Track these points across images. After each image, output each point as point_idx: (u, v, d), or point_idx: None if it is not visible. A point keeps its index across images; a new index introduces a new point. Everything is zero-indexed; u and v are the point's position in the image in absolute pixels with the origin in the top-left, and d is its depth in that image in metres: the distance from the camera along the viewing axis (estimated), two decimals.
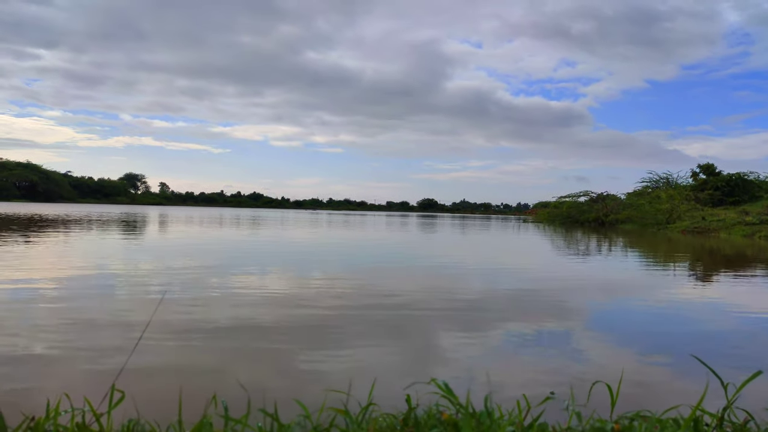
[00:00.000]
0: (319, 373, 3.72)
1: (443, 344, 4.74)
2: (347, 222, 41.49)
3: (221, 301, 6.40)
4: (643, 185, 60.43)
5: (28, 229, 19.57)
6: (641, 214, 45.09)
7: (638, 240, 25.77)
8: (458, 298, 7.28)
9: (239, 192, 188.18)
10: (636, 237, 28.65)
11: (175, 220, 33.58)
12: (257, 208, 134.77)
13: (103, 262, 10.18)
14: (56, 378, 3.43)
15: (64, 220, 27.66)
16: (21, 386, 3.21)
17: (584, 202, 53.35)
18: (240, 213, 67.21)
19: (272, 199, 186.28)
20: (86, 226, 22.50)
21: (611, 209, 48.80)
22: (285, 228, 27.98)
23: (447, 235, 26.51)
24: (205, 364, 3.87)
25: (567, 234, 30.92)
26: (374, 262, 12.41)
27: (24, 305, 5.77)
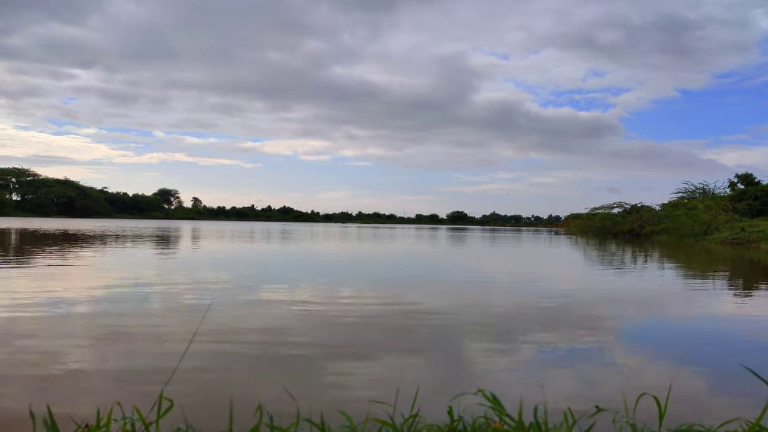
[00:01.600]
0: (357, 384, 3.71)
1: (477, 356, 4.68)
2: (377, 235, 41.53)
3: (263, 312, 6.46)
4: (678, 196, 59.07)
5: (71, 244, 20.11)
6: (678, 226, 44.03)
7: (675, 252, 25.16)
8: (491, 311, 7.20)
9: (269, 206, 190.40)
10: (673, 249, 27.96)
11: (208, 235, 34.11)
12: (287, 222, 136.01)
13: (145, 275, 10.38)
14: (106, 387, 3.49)
15: (103, 235, 28.36)
16: (71, 395, 3.28)
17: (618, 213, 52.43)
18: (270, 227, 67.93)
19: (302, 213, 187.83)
20: (126, 241, 23.01)
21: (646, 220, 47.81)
22: (316, 241, 28.15)
23: (477, 248, 26.31)
24: (249, 374, 3.91)
25: (601, 246, 30.37)
26: (406, 275, 12.37)
27: (73, 317, 5.91)
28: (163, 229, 42.47)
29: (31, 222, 60.27)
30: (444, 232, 56.90)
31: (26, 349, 4.40)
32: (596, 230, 51.02)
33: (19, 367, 3.87)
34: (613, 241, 38.82)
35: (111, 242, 21.77)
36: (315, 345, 4.88)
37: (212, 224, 79.18)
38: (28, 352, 4.30)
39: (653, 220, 47.68)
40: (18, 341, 4.69)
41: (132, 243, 21.67)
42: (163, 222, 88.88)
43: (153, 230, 39.51)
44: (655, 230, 45.77)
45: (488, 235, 48.72)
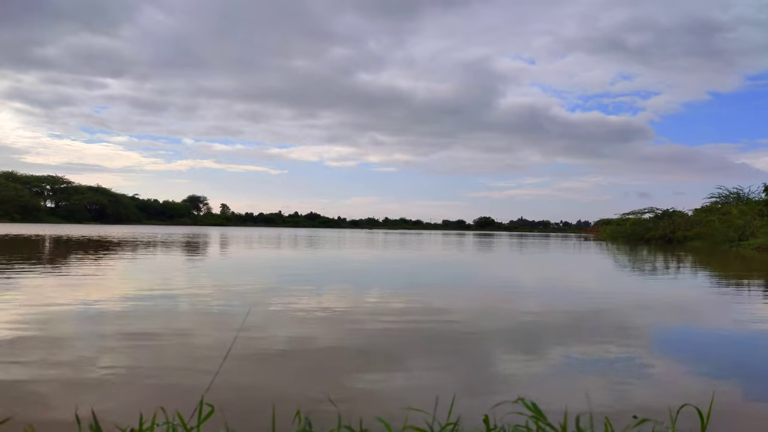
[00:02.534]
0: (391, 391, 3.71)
1: (509, 364, 4.64)
2: (404, 241, 41.50)
3: (298, 317, 6.52)
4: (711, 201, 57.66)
5: (105, 250, 20.57)
6: (711, 231, 42.97)
7: (709, 258, 24.58)
8: (521, 318, 7.13)
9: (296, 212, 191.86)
10: (706, 255, 27.32)
11: (238, 241, 34.51)
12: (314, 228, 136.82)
13: (180, 282, 10.56)
14: (148, 392, 3.56)
15: (136, 242, 28.92)
16: (114, 400, 3.35)
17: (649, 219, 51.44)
18: (298, 233, 68.47)
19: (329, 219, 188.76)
20: (158, 248, 23.43)
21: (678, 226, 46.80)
22: (345, 248, 28.26)
23: (505, 254, 26.09)
24: (287, 379, 3.94)
25: (632, 252, 29.83)
26: (435, 281, 12.34)
27: (111, 323, 6.03)
28: (193, 236, 43.13)
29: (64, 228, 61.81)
30: (471, 238, 56.57)
31: (68, 355, 4.51)
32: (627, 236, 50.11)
33: (61, 373, 3.97)
34: (645, 247, 38.10)
35: (144, 249, 22.19)
36: (349, 351, 4.89)
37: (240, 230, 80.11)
38: (70, 358, 4.40)
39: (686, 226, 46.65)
40: (59, 347, 4.81)
41: (165, 250, 22.05)
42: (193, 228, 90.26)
43: (184, 237, 40.15)
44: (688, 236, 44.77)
45: (516, 241, 48.27)
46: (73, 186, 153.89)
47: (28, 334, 5.23)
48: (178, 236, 40.22)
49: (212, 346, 4.94)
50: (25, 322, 5.88)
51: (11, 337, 5.09)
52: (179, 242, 28.98)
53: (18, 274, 11.07)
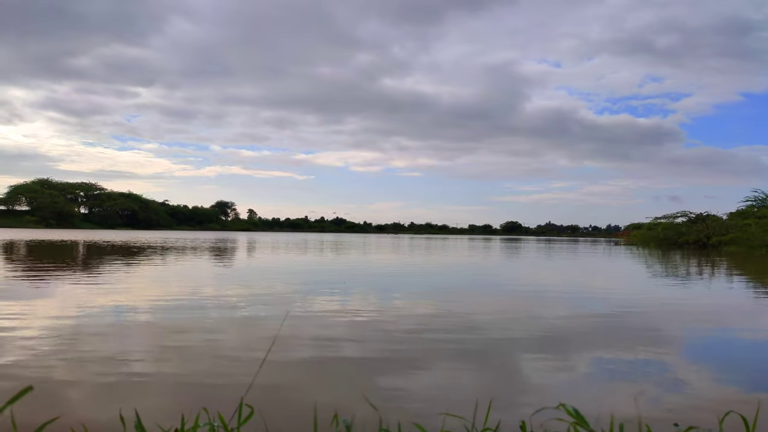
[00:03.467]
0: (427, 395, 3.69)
1: (540, 370, 4.58)
2: (430, 246, 41.39)
3: (334, 320, 6.57)
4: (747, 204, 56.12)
5: (139, 255, 20.99)
6: (747, 236, 41.80)
7: (745, 263, 23.93)
8: (551, 323, 7.03)
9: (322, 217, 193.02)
10: (743, 260, 26.61)
11: (267, 246, 34.85)
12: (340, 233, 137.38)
13: (214, 285, 10.70)
14: (188, 393, 3.62)
15: (169, 246, 29.43)
16: (155, 401, 3.41)
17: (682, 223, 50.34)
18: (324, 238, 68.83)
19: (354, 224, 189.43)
20: (190, 253, 23.81)
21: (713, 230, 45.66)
22: (372, 252, 28.30)
23: (533, 259, 25.81)
24: (325, 382, 3.97)
25: (665, 257, 29.23)
26: (463, 286, 12.27)
27: (151, 325, 6.15)
28: (222, 241, 43.69)
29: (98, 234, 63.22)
30: (498, 243, 56.13)
31: (108, 357, 4.60)
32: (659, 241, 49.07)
33: (103, 374, 4.05)
34: (678, 252, 37.29)
35: (177, 254, 22.57)
36: (383, 355, 4.90)
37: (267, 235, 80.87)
38: (110, 360, 4.50)
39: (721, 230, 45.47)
40: (102, 349, 4.92)
41: (197, 255, 22.39)
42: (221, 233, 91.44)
43: (213, 242, 40.72)
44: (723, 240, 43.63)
45: (543, 246, 47.71)
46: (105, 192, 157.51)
47: (71, 337, 5.36)
48: (208, 241, 40.80)
49: (250, 349, 5.01)
50: (67, 325, 6.03)
51: (54, 339, 5.23)
52: (210, 247, 29.39)
53: (60, 279, 11.36)
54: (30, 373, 3.96)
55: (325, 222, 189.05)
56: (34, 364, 4.27)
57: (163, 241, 39.93)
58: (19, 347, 4.82)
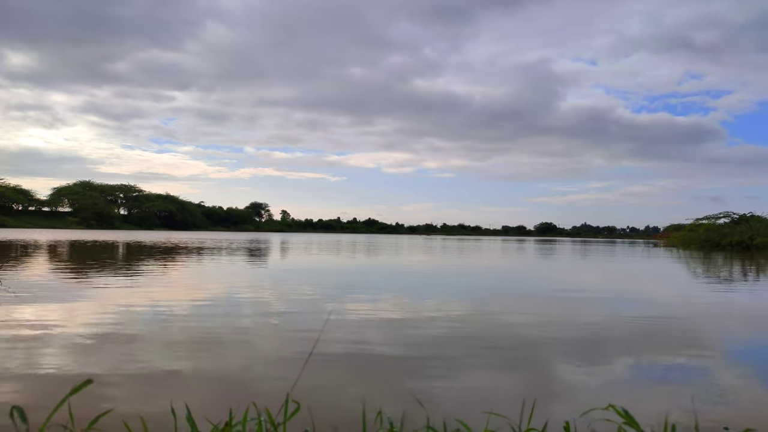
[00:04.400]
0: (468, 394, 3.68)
1: (573, 373, 4.50)
2: (463, 247, 41.15)
3: (374, 321, 6.61)
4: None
5: (181, 255, 21.46)
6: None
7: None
8: (588, 326, 6.91)
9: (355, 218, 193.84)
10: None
11: (302, 247, 35.19)
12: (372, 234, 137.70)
13: (254, 285, 10.87)
14: (236, 388, 3.70)
15: (207, 247, 29.99)
16: (202, 396, 3.49)
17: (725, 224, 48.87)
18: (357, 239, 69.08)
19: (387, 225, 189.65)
20: (229, 253, 24.22)
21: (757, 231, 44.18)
22: (405, 254, 28.30)
23: (568, 261, 25.39)
24: (369, 379, 4.01)
25: (707, 259, 28.41)
26: (500, 288, 12.17)
27: (198, 323, 6.30)
28: (258, 241, 44.29)
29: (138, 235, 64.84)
30: (532, 245, 55.44)
31: (156, 353, 4.73)
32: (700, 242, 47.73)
33: (152, 369, 4.17)
34: (721, 254, 36.21)
35: (215, 254, 22.99)
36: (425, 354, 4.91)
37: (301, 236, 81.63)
38: (157, 355, 4.62)
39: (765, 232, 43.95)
40: (149, 346, 5.05)
41: (235, 255, 22.76)
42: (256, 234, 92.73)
43: (249, 242, 41.31)
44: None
45: (579, 248, 46.92)
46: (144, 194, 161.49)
47: (119, 334, 5.52)
48: (244, 242, 41.42)
49: (294, 347, 5.08)
50: (114, 322, 6.21)
51: (102, 336, 5.39)
52: (246, 248, 29.84)
53: (105, 278, 11.70)
54: (82, 368, 4.10)
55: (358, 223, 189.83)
56: (84, 359, 4.41)
57: (201, 242, 40.72)
58: (71, 344, 4.99)
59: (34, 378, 3.85)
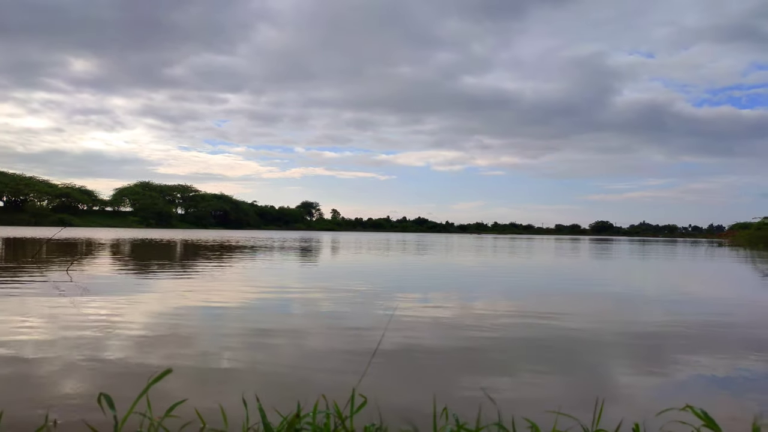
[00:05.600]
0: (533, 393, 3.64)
1: (631, 375, 4.36)
2: (514, 246, 40.56)
3: (436, 319, 6.59)
4: None
5: (240, 253, 22.04)
6: None
7: None
8: (643, 327, 6.68)
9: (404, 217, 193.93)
10: None
11: (350, 245, 35.50)
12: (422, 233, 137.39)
13: (315, 281, 11.07)
14: (303, 382, 3.77)
15: (264, 246, 30.68)
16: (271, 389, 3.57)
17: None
18: (407, 237, 69.12)
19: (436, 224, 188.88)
20: (284, 252, 24.71)
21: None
22: (455, 252, 28.13)
23: (624, 260, 24.62)
24: (433, 377, 4.02)
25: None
26: (557, 288, 11.93)
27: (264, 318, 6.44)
28: (311, 240, 44.96)
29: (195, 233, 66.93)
30: (587, 244, 54.05)
31: (225, 347, 4.88)
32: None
33: (222, 363, 4.30)
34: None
35: (272, 252, 23.50)
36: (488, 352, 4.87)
37: (351, 235, 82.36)
38: (227, 349, 4.76)
39: None
40: (215, 339, 5.22)
41: (290, 253, 23.20)
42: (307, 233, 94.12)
43: (303, 241, 42.00)
44: None
45: (637, 247, 45.42)
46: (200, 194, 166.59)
47: (183, 327, 5.72)
48: (295, 241, 42.13)
49: (354, 343, 5.15)
50: (179, 316, 6.44)
51: (168, 330, 5.60)
52: (299, 247, 30.35)
53: (172, 274, 12.14)
54: (151, 360, 4.27)
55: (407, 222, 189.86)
56: (151, 351, 4.59)
57: (256, 240, 41.66)
58: (136, 336, 5.20)
59: (104, 368, 4.03)
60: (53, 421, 2.79)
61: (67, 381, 3.69)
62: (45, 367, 3.99)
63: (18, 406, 3.09)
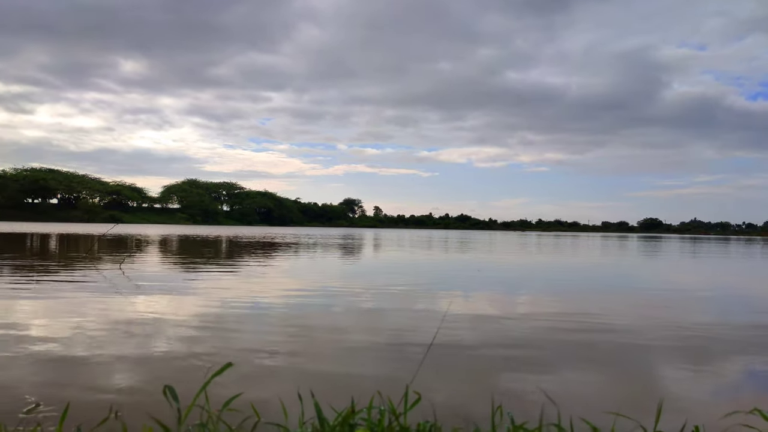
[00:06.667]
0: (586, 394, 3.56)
1: (680, 377, 4.20)
2: (560, 244, 39.80)
3: (490, 316, 6.55)
4: None
5: (289, 250, 22.38)
6: None
7: None
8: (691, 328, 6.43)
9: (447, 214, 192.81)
10: None
11: (393, 242, 35.55)
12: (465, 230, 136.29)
13: (364, 278, 11.14)
14: (356, 378, 3.81)
15: (310, 243, 31.05)
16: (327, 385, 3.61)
17: None
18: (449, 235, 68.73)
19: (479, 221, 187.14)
20: (331, 248, 24.94)
21: None
22: (499, 250, 27.81)
23: (674, 259, 23.82)
24: (488, 375, 4.00)
25: None
26: (605, 287, 11.65)
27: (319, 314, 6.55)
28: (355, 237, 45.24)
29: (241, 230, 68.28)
30: (635, 241, 52.62)
31: (279, 341, 4.96)
32: None
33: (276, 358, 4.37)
34: None
35: (315, 249, 23.76)
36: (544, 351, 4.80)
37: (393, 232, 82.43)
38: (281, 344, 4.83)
39: None
40: (265, 334, 5.31)
41: (332, 249, 23.40)
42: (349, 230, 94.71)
43: (347, 237, 42.30)
44: None
45: (688, 245, 43.91)
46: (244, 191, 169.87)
47: (234, 322, 5.85)
48: (338, 237, 42.46)
49: (408, 340, 5.15)
50: (229, 311, 6.58)
51: (218, 323, 5.73)
52: (342, 243, 30.57)
53: (216, 269, 12.42)
54: (205, 356, 4.37)
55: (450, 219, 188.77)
56: (202, 345, 4.70)
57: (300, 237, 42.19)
58: (188, 330, 5.34)
59: (158, 362, 4.15)
60: (115, 413, 2.89)
61: (126, 374, 3.82)
62: (105, 361, 4.14)
63: (83, 399, 3.22)
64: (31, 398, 3.19)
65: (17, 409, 3.00)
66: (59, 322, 5.56)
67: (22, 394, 3.28)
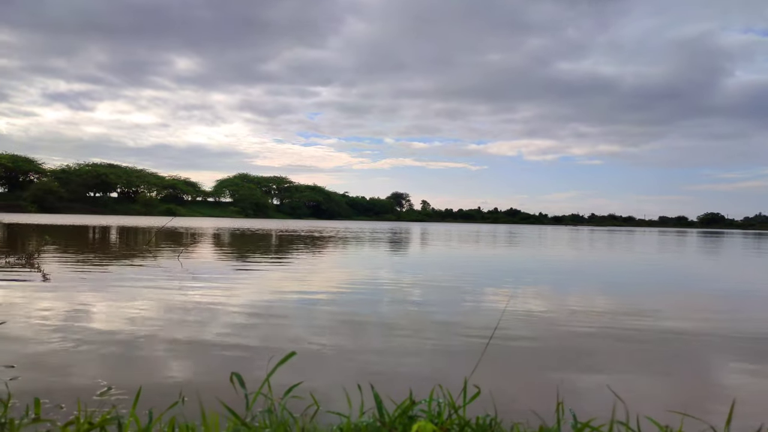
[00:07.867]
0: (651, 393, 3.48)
1: (742, 378, 4.02)
2: (614, 240, 38.71)
3: (547, 314, 6.45)
4: None
5: (342, 243, 22.66)
6: None
7: None
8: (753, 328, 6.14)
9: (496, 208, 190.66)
10: None
11: (442, 237, 35.41)
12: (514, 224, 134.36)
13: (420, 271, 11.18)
14: (416, 372, 3.84)
15: (361, 236, 31.33)
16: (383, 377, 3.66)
17: None
18: (498, 229, 67.90)
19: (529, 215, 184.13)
20: (377, 241, 25.11)
21: None
22: (550, 245, 27.29)
23: (738, 255, 22.76)
24: (547, 370, 3.98)
25: None
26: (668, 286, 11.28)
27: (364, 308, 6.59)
28: (401, 231, 45.32)
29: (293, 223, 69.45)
30: (695, 237, 50.61)
31: (330, 333, 5.04)
32: None
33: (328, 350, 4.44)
34: None
35: (369, 242, 23.96)
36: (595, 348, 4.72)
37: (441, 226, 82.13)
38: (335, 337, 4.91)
39: None
40: (319, 325, 5.40)
41: (382, 243, 23.53)
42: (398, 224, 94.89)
43: (393, 231, 42.42)
44: None
45: (752, 241, 41.90)
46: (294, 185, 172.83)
47: (287, 313, 5.97)
48: (387, 231, 42.61)
49: (462, 334, 5.15)
50: (281, 303, 6.73)
51: (272, 314, 5.86)
52: (390, 238, 30.68)
53: (269, 262, 12.70)
54: (259, 343, 4.49)
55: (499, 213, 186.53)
56: (259, 335, 4.83)
57: (351, 230, 42.57)
58: (245, 319, 5.49)
59: (220, 349, 4.28)
60: (182, 398, 3.00)
61: (187, 360, 3.96)
62: (167, 347, 4.31)
63: (153, 383, 3.36)
64: (103, 381, 3.35)
65: (92, 392, 3.16)
66: (124, 310, 5.82)
67: (95, 377, 3.46)
